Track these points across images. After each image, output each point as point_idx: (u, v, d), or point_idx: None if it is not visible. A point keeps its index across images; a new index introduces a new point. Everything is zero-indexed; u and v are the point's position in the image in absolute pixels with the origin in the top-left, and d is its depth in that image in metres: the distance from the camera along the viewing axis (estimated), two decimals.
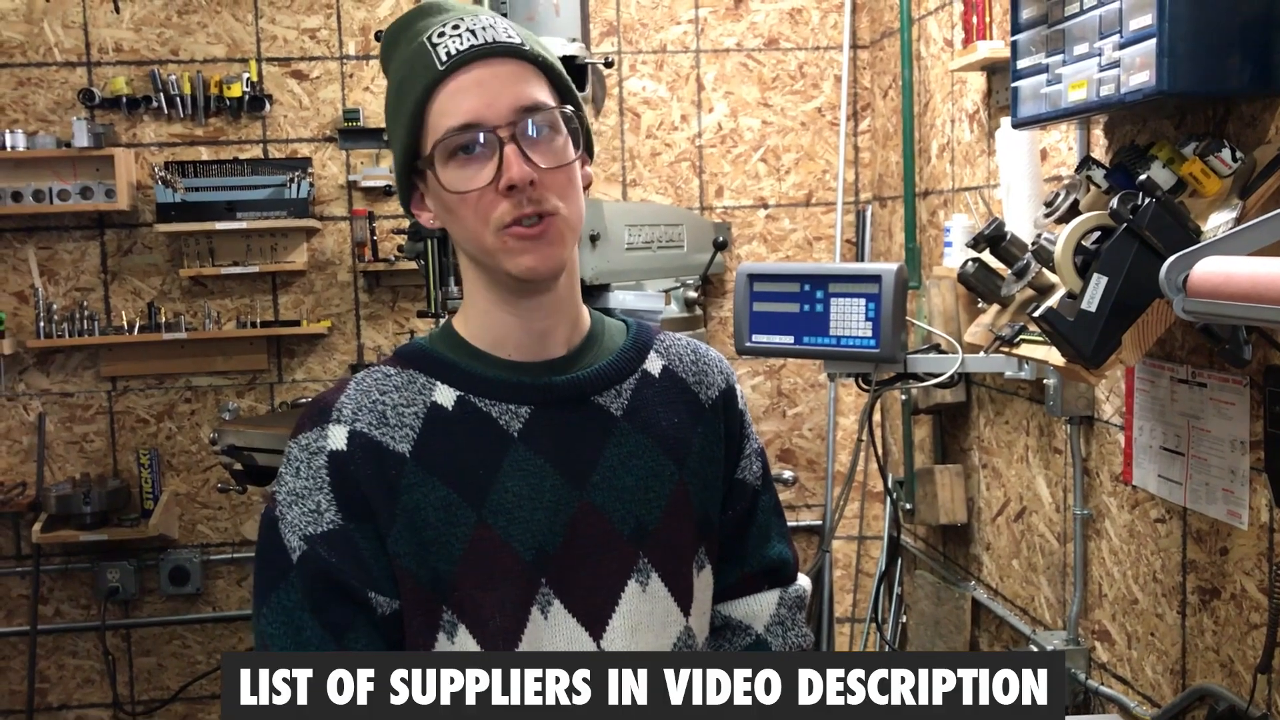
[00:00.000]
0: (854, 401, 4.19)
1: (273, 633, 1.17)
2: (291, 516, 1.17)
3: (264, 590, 1.18)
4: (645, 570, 1.23)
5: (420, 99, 1.18)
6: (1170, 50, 1.76)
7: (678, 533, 1.27)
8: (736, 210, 4.14)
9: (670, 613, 1.25)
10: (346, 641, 1.16)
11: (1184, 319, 1.60)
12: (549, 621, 1.18)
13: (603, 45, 4.04)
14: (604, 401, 1.25)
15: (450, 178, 1.17)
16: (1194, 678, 2.20)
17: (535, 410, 1.21)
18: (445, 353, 1.24)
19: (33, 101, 3.89)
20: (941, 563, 3.50)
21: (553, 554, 1.19)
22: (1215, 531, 2.10)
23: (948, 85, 3.32)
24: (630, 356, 1.30)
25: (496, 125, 1.15)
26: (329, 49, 3.98)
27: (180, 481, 4.03)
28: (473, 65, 1.16)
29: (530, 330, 1.23)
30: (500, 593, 1.17)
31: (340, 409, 1.19)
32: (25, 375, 3.95)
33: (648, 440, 1.26)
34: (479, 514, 1.17)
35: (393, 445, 1.18)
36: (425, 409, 1.20)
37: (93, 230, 3.95)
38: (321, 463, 1.17)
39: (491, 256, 1.18)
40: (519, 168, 1.14)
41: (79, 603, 4.03)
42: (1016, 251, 2.16)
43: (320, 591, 1.16)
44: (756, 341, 2.41)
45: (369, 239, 3.94)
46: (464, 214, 1.17)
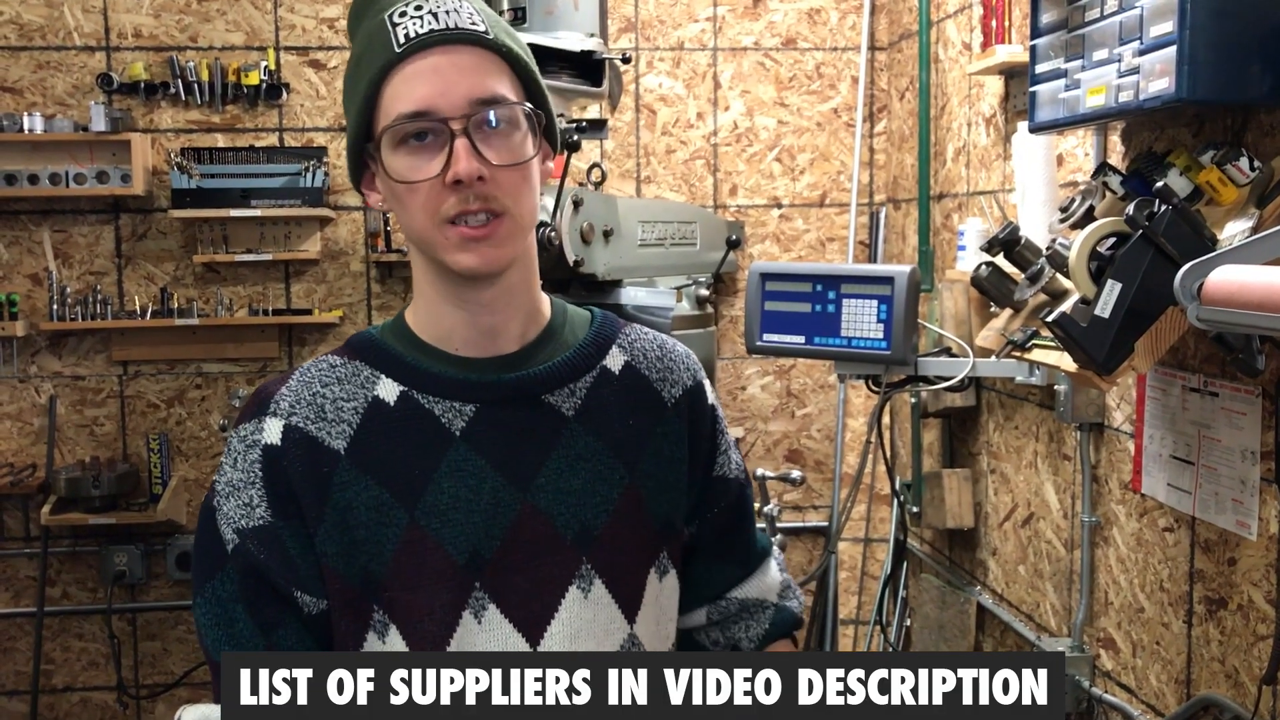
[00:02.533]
0: (863, 403, 4.18)
1: (206, 623, 1.17)
2: (227, 509, 1.16)
3: (200, 579, 1.18)
4: (588, 576, 1.20)
5: (375, 79, 1.14)
6: (1191, 58, 1.75)
7: (627, 538, 1.23)
8: (750, 209, 4.13)
9: (613, 620, 1.21)
10: (275, 638, 1.15)
11: (1198, 327, 1.60)
12: (482, 626, 1.15)
13: (620, 41, 4.04)
14: (555, 401, 1.21)
15: (398, 165, 1.13)
16: (1199, 688, 2.19)
17: (481, 408, 1.18)
18: (393, 345, 1.21)
19: (51, 85, 3.90)
20: (947, 567, 3.50)
21: (489, 557, 1.16)
22: (1224, 541, 2.10)
23: (965, 88, 3.31)
24: (589, 352, 1.26)
25: (449, 116, 1.11)
26: (346, 39, 3.98)
27: (189, 467, 4.05)
28: (431, 51, 1.12)
29: (477, 326, 1.20)
30: (429, 594, 1.15)
31: (279, 401, 1.17)
32: (37, 357, 3.97)
33: (598, 443, 1.22)
34: (411, 515, 1.15)
35: (328, 441, 1.15)
36: (366, 404, 1.17)
37: (108, 214, 3.96)
38: (255, 456, 1.15)
39: (433, 249, 1.15)
40: (467, 163, 1.10)
41: (86, 585, 4.04)
42: (1031, 256, 2.15)
43: (252, 587, 1.15)
44: (767, 340, 2.41)
45: (382, 230, 3.95)
46: (410, 204, 1.14)
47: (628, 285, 3.11)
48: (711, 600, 1.39)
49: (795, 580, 4.12)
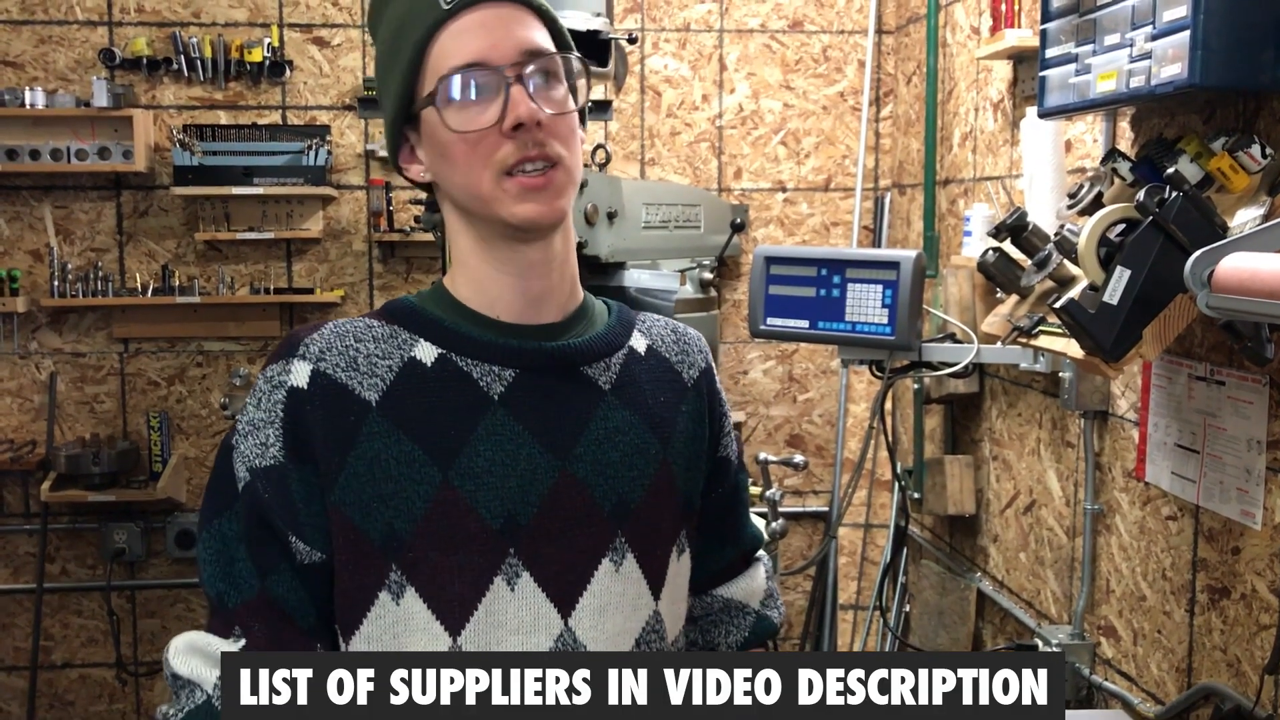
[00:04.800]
0: (865, 389, 4.17)
1: (208, 558, 1.16)
2: (244, 447, 1.15)
3: (209, 515, 1.17)
4: (621, 549, 1.19)
5: (421, 40, 1.15)
6: (1204, 43, 1.73)
7: (660, 514, 1.24)
8: (754, 193, 4.12)
9: (641, 595, 1.21)
10: (269, 582, 1.14)
11: (1207, 315, 1.59)
12: (515, 594, 1.14)
13: (626, 22, 4.02)
14: (592, 374, 1.22)
15: (452, 120, 1.13)
16: (1200, 676, 2.19)
17: (520, 374, 1.18)
18: (433, 310, 1.21)
19: (53, 60, 3.88)
20: (947, 553, 3.50)
21: (525, 525, 1.15)
22: (1227, 530, 2.09)
23: (973, 73, 3.29)
24: (618, 331, 1.27)
25: (502, 65, 1.12)
26: (351, 16, 3.97)
27: (189, 445, 4.04)
28: (476, 7, 1.14)
29: (525, 292, 1.20)
30: (461, 558, 1.13)
31: (309, 345, 1.16)
32: (38, 334, 3.96)
33: (634, 416, 1.23)
34: (445, 474, 1.13)
35: (358, 391, 1.14)
36: (402, 363, 1.16)
37: (109, 191, 3.94)
38: (280, 397, 1.14)
39: (488, 205, 1.15)
40: (526, 106, 1.11)
41: (85, 562, 4.04)
42: (1038, 242, 2.14)
43: (255, 527, 1.14)
44: (771, 325, 2.40)
45: (385, 209, 3.93)
46: (462, 158, 1.14)
47: (631, 268, 3.09)
48: (699, 590, 1.40)
49: (794, 566, 4.12)
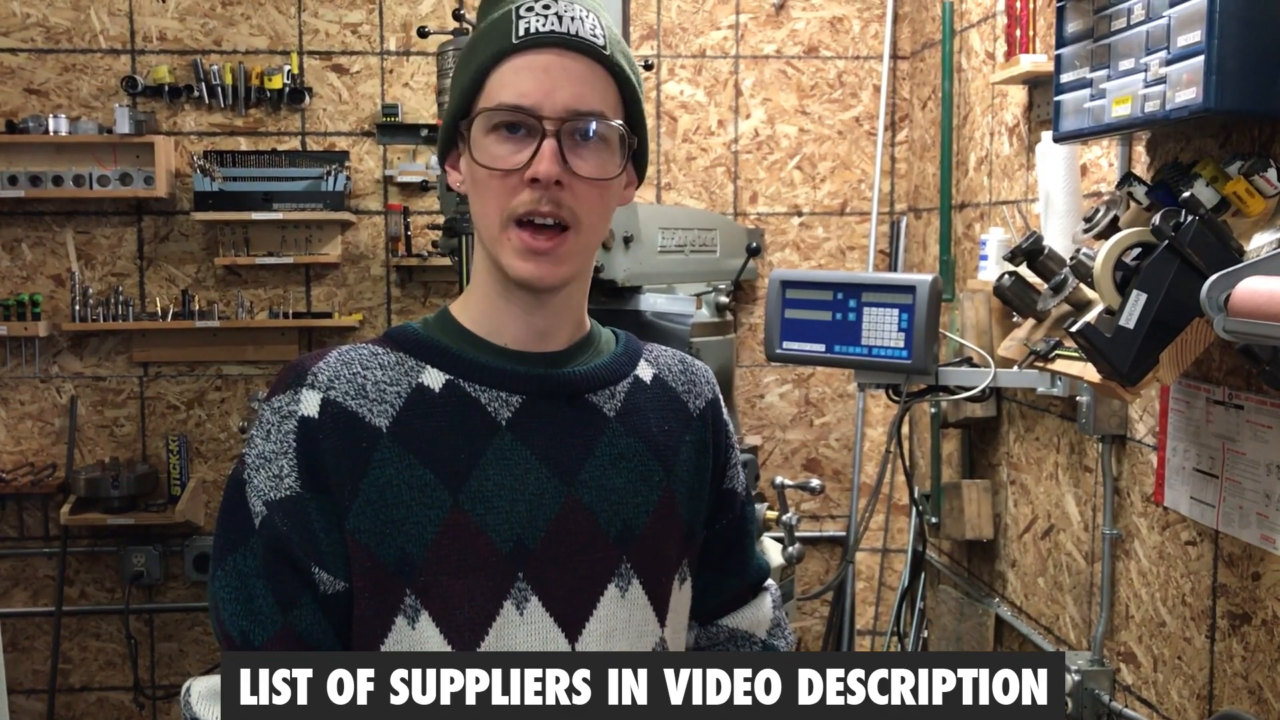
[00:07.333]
0: (882, 413, 4.16)
1: (225, 596, 1.14)
2: (258, 481, 1.14)
3: (222, 552, 1.15)
4: (627, 575, 1.19)
5: (485, 64, 1.15)
6: (1219, 68, 1.73)
7: (664, 540, 1.24)
8: (770, 217, 4.13)
9: (648, 622, 1.21)
10: (292, 617, 1.12)
11: (1224, 339, 1.59)
12: (524, 618, 1.14)
13: (642, 48, 4.04)
14: (597, 401, 1.22)
15: (486, 148, 1.14)
16: (1221, 704, 2.17)
17: (527, 400, 1.18)
18: (438, 337, 1.21)
19: (77, 87, 3.93)
20: (965, 578, 3.48)
21: (533, 549, 1.14)
22: (1248, 556, 2.07)
23: (988, 98, 3.30)
24: (623, 360, 1.28)
25: (545, 116, 1.12)
26: (370, 44, 4.01)
27: (208, 469, 4.06)
28: (545, 50, 1.13)
29: (531, 325, 1.20)
30: (471, 582, 1.13)
31: (317, 374, 1.15)
32: (59, 358, 3.99)
33: (638, 443, 1.23)
34: (455, 498, 1.13)
35: (369, 418, 1.14)
36: (410, 389, 1.16)
37: (130, 216, 3.98)
38: (291, 427, 1.13)
39: (491, 245, 1.16)
40: (549, 164, 1.11)
41: (104, 585, 4.06)
42: (1054, 266, 2.14)
43: (275, 562, 1.12)
44: (787, 348, 2.40)
45: (403, 234, 3.96)
46: (485, 191, 1.15)
47: (647, 291, 3.10)
48: (705, 620, 1.39)
49: (811, 591, 4.10)
